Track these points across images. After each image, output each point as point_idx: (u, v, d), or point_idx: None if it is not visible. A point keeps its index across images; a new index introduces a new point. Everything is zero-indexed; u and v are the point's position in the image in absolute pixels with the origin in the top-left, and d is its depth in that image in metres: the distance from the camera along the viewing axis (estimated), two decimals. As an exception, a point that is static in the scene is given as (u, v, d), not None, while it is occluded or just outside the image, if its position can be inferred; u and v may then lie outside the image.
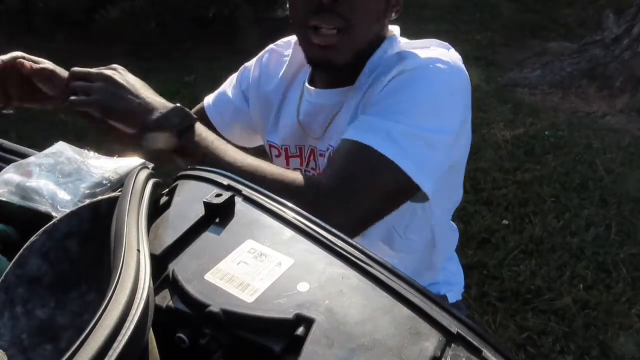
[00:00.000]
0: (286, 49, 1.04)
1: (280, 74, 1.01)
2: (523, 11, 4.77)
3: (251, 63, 1.11)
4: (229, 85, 1.16)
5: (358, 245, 0.59)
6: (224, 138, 0.87)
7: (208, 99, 1.17)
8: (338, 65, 0.84)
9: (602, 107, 3.33)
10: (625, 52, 3.44)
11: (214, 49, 4.06)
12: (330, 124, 0.91)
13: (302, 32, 0.84)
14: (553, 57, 3.83)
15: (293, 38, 1.04)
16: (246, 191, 0.69)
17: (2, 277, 0.55)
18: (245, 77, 1.11)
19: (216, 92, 1.18)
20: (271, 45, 1.08)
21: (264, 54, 1.09)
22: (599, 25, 3.91)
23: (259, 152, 1.01)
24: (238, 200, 0.68)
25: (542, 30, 4.43)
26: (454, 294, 1.11)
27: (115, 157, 0.77)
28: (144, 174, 0.67)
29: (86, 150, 0.79)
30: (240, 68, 1.14)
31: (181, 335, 0.53)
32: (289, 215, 0.64)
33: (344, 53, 0.82)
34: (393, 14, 0.87)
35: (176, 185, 0.73)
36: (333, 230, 0.62)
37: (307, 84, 0.95)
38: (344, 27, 0.79)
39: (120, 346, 0.41)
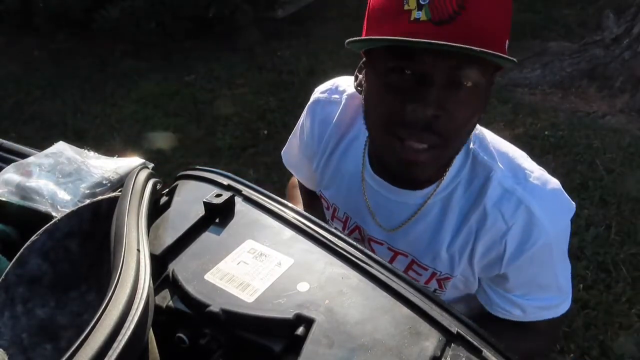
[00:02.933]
0: (332, 94, 0.94)
1: (334, 122, 0.92)
2: (523, 11, 4.76)
3: (304, 115, 1.00)
4: (295, 138, 1.05)
5: (358, 246, 0.59)
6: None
7: (284, 154, 1.10)
8: (421, 181, 0.78)
9: (602, 107, 3.33)
10: (625, 52, 3.43)
11: (214, 49, 4.06)
12: (404, 225, 0.84)
13: (384, 138, 0.72)
14: (553, 57, 3.82)
15: (339, 82, 0.95)
16: (246, 191, 0.69)
17: (3, 277, 0.55)
18: (302, 131, 1.00)
19: (287, 145, 1.09)
20: (316, 95, 0.97)
21: (313, 105, 0.97)
22: (599, 25, 3.91)
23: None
24: (238, 200, 0.68)
25: (542, 30, 4.42)
26: None
27: (115, 157, 0.77)
28: (144, 174, 0.67)
29: (86, 150, 0.79)
30: (299, 121, 1.03)
31: (181, 335, 0.53)
32: (289, 215, 0.64)
33: (430, 169, 0.73)
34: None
35: (176, 185, 0.73)
36: (333, 230, 0.62)
37: (372, 172, 0.85)
38: (437, 144, 0.68)
39: (120, 346, 0.41)
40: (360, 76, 0.79)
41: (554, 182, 0.81)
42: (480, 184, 0.78)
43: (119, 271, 0.47)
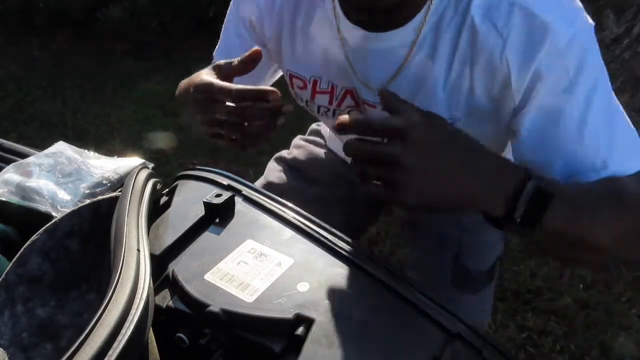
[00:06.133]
0: None
1: None
2: (523, 11, 4.77)
3: None
4: (232, 31, 0.97)
5: (358, 246, 0.59)
6: None
7: (218, 55, 1.00)
8: (382, 7, 0.69)
9: (602, 108, 3.33)
10: (625, 52, 3.43)
11: (214, 49, 4.06)
12: (395, 78, 0.76)
13: None
14: (553, 57, 3.82)
15: None
16: (246, 191, 0.69)
17: (3, 276, 0.55)
18: (245, 6, 0.90)
19: (221, 44, 1.01)
20: None
21: None
22: (599, 25, 3.91)
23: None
24: (238, 200, 0.68)
25: (542, 30, 4.43)
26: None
27: (115, 157, 0.78)
28: (144, 174, 0.67)
29: (86, 150, 0.79)
30: (231, 5, 0.93)
31: (181, 335, 0.53)
32: (289, 215, 0.64)
33: None
34: None
35: (176, 185, 0.73)
36: (333, 230, 0.62)
37: (347, 21, 0.77)
38: None
39: (120, 346, 0.41)
40: None
41: None
42: (468, 1, 0.69)
43: (119, 271, 0.47)
